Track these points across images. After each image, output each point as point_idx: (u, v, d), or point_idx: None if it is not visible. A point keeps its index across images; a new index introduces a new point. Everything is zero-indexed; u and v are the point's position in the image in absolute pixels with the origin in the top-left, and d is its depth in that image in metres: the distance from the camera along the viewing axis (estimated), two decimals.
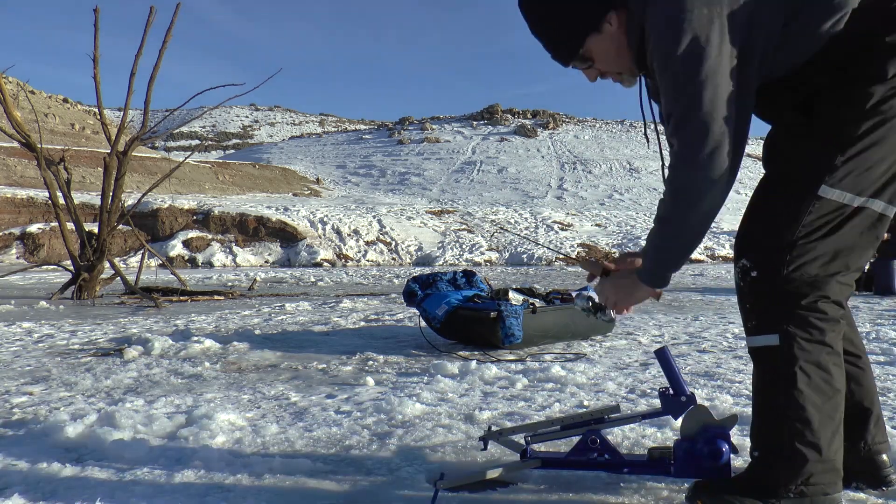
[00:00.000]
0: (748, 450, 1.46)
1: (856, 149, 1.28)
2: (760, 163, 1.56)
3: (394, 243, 25.65)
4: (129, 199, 16.18)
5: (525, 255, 24.38)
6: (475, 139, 63.62)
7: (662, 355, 1.60)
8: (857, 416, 1.51)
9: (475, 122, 71.21)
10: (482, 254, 24.68)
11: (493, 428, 1.85)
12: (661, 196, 1.40)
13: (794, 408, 1.33)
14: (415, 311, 5.41)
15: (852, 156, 1.28)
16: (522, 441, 1.76)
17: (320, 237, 25.06)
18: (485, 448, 1.82)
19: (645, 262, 1.49)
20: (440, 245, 25.71)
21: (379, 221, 27.60)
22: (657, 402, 1.96)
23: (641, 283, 1.48)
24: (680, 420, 1.60)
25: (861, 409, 1.53)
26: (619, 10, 1.41)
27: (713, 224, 2.06)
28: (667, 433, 2.09)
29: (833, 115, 1.31)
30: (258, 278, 12.99)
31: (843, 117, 1.29)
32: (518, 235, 19.10)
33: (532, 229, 28.67)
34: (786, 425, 1.34)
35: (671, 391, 1.60)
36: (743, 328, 1.45)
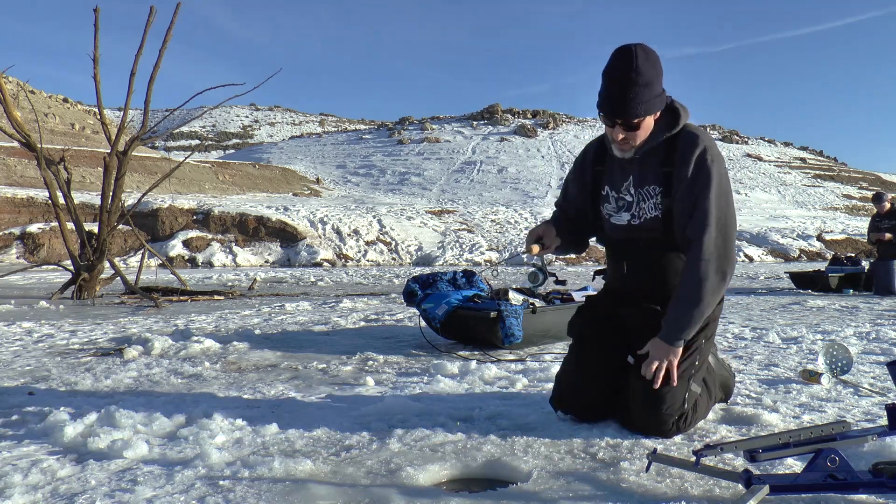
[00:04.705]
0: None
1: None
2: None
3: (394, 243, 25.66)
4: (129, 199, 16.19)
5: (525, 255, 24.37)
6: (475, 139, 63.65)
7: (894, 369, 1.56)
8: None
9: (475, 122, 71.21)
10: (482, 254, 24.68)
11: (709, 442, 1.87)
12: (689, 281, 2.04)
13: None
14: (415, 311, 5.41)
15: None
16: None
17: (320, 237, 25.07)
18: (696, 463, 1.61)
19: (670, 329, 2.05)
20: (440, 245, 25.72)
21: (379, 221, 27.61)
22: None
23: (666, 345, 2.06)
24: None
25: None
26: None
27: None
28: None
29: None
30: (258, 278, 13.00)
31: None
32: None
33: None
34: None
35: None
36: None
